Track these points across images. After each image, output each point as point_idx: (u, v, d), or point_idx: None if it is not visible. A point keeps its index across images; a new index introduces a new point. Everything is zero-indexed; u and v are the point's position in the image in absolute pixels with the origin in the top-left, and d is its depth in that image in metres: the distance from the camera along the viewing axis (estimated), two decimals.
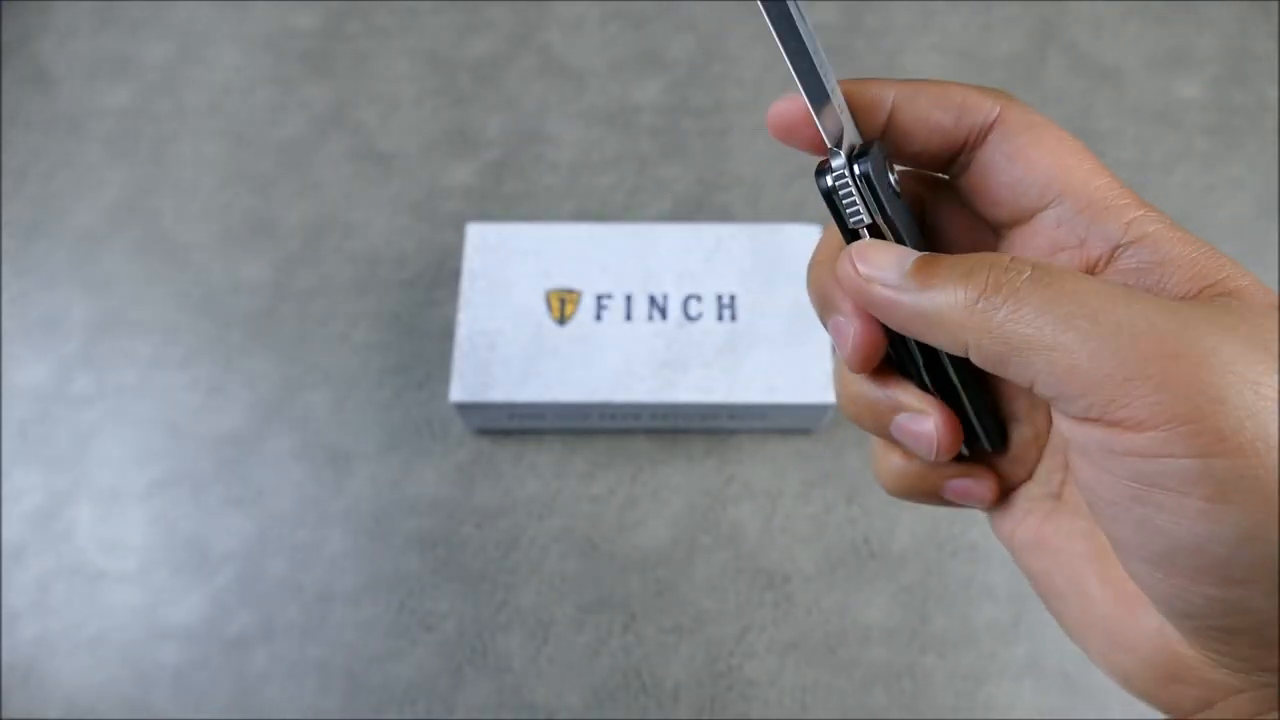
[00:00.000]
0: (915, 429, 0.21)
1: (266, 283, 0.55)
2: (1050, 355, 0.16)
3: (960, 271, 0.17)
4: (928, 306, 0.17)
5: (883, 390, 0.21)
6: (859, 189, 0.19)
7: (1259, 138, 0.58)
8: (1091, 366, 0.15)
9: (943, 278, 0.17)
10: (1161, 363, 0.15)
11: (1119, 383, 0.15)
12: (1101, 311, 0.16)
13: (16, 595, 0.47)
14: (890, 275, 0.18)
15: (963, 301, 0.17)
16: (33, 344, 0.54)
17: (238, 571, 0.48)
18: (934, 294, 0.17)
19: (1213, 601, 0.16)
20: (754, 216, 0.56)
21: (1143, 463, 0.16)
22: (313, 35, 0.63)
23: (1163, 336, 0.15)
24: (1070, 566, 0.20)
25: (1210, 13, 0.63)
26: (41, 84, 0.62)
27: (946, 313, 0.17)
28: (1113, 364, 0.15)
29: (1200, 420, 0.15)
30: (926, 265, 0.18)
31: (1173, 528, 0.16)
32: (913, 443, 0.21)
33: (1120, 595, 0.19)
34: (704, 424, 0.49)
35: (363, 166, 0.59)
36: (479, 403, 0.46)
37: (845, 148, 0.19)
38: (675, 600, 0.47)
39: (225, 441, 0.51)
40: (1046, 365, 0.16)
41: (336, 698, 0.45)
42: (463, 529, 0.49)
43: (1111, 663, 0.19)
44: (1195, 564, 0.16)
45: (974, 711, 0.44)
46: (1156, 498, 0.16)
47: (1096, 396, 0.16)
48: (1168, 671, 0.18)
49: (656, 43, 0.63)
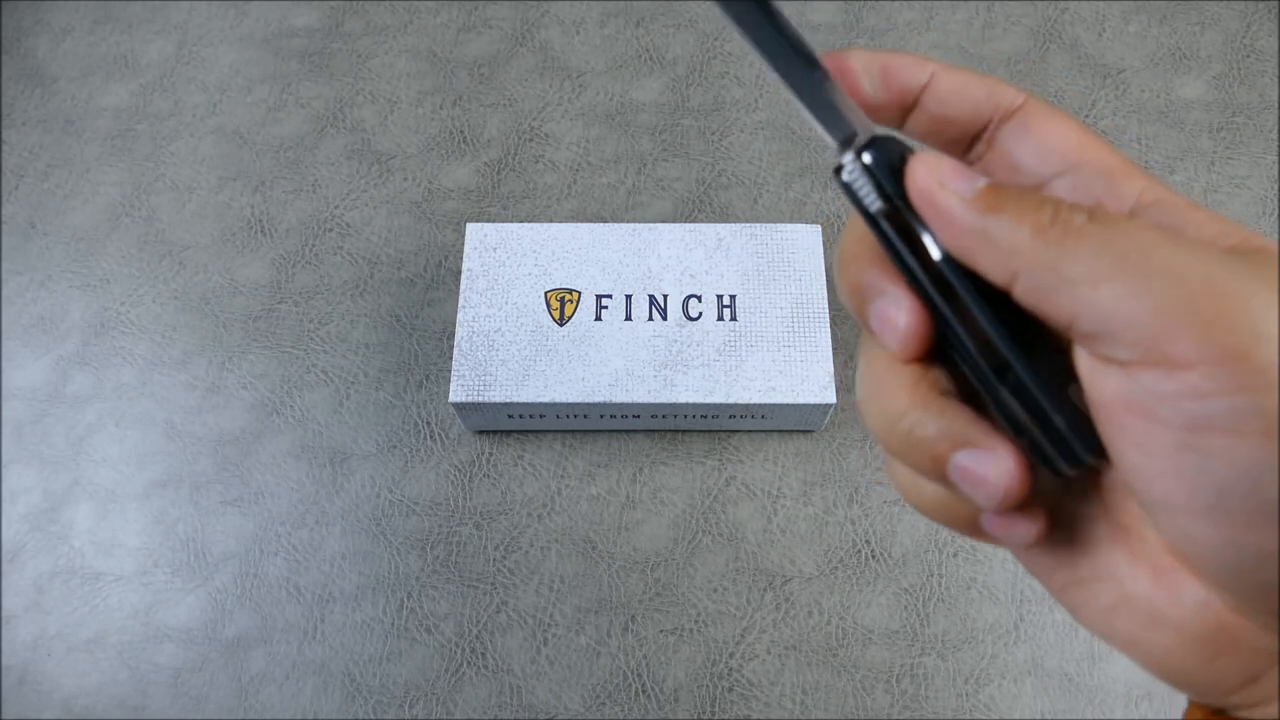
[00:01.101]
0: (980, 472, 0.18)
1: (265, 282, 0.55)
2: (1101, 291, 0.16)
3: (1027, 204, 0.17)
4: (990, 228, 0.18)
5: (940, 419, 0.18)
6: (870, 179, 0.19)
7: (1261, 137, 0.58)
8: (1141, 303, 0.16)
9: (1009, 207, 0.18)
10: (1210, 301, 0.15)
11: (1167, 319, 0.16)
12: (1153, 251, 0.16)
13: (13, 596, 0.47)
14: (961, 187, 0.18)
15: (1026, 231, 0.17)
16: (30, 343, 0.53)
17: (236, 572, 0.48)
18: (997, 218, 0.17)
19: (1264, 550, 0.16)
20: (754, 216, 0.56)
21: (1193, 404, 0.16)
22: (311, 34, 0.63)
23: (1210, 277, 0.15)
24: (1095, 552, 0.19)
25: (1212, 12, 0.63)
26: (38, 82, 0.62)
27: (1005, 238, 0.17)
28: (1162, 301, 0.16)
29: (1249, 357, 0.15)
30: (993, 191, 0.18)
31: (1225, 471, 0.16)
32: (973, 488, 0.18)
33: (1157, 571, 0.18)
34: (704, 424, 0.49)
35: (362, 166, 0.58)
36: (478, 403, 0.46)
37: (856, 142, 0.19)
38: (675, 601, 0.47)
39: (224, 441, 0.51)
40: (1096, 301, 0.16)
41: (335, 699, 0.45)
42: (462, 529, 0.48)
43: (1147, 646, 0.19)
44: (1247, 507, 0.16)
45: (975, 712, 0.44)
46: (1207, 441, 0.16)
47: (1144, 332, 0.16)
48: (1213, 644, 0.18)
49: (656, 42, 0.63)
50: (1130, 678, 0.44)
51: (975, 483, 0.18)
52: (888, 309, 0.19)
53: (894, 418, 0.19)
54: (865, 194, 0.19)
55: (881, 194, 0.19)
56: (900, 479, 0.21)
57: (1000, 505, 0.18)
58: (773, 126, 0.59)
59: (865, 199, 0.19)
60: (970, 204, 0.18)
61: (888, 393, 0.19)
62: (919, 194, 0.18)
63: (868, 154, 0.19)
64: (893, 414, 0.19)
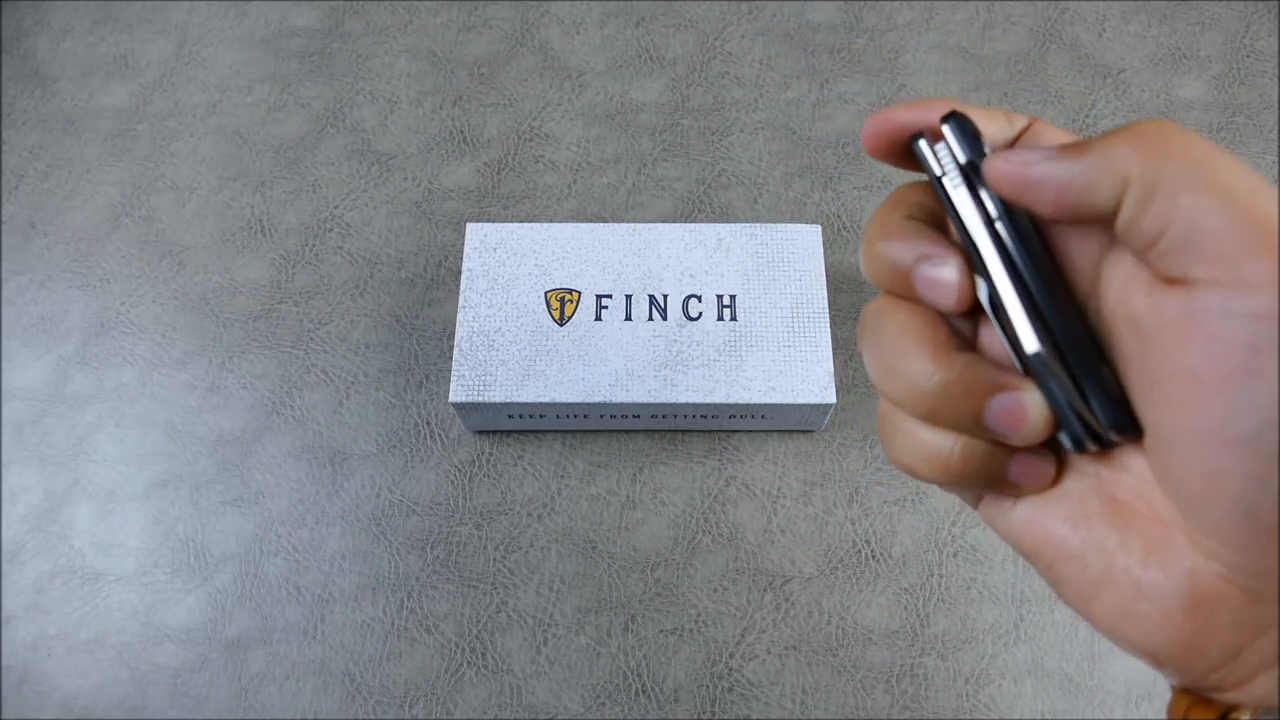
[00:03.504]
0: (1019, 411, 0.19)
1: (265, 282, 0.55)
2: (1199, 201, 0.17)
3: (1120, 137, 0.18)
4: (1082, 170, 0.18)
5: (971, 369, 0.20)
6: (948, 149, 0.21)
7: (1261, 137, 0.58)
8: (1232, 222, 0.16)
9: (1100, 146, 0.18)
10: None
11: (1253, 240, 0.16)
12: (1249, 178, 0.17)
13: (13, 597, 0.47)
14: (1039, 155, 0.19)
15: (1131, 148, 0.18)
16: (30, 343, 0.53)
17: (236, 572, 0.48)
18: (1090, 158, 0.18)
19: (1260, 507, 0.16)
20: (754, 216, 0.56)
21: (1258, 325, 0.16)
22: (311, 34, 0.63)
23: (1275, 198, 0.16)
24: (1084, 526, 0.20)
25: (1212, 12, 0.63)
26: (38, 82, 0.62)
27: (1109, 165, 0.18)
28: (1253, 222, 0.16)
29: None
30: (1075, 145, 0.19)
31: (1273, 397, 0.16)
32: (1012, 428, 0.19)
33: (1148, 544, 0.19)
34: (704, 424, 0.49)
35: (362, 166, 0.58)
36: (478, 403, 0.46)
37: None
38: (675, 601, 0.47)
39: (224, 442, 0.51)
40: (1191, 212, 0.17)
41: (335, 699, 0.45)
42: (462, 529, 0.48)
43: (1133, 619, 0.19)
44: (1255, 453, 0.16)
45: (975, 713, 0.44)
46: (1264, 363, 0.16)
47: (1228, 248, 0.16)
48: (1197, 616, 0.18)
49: (656, 42, 0.63)
50: (1130, 678, 0.44)
51: (1014, 422, 0.19)
52: (938, 270, 0.20)
53: (923, 376, 0.20)
54: (944, 162, 0.21)
55: (955, 164, 0.21)
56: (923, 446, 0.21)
57: (1038, 439, 0.19)
58: (773, 126, 0.59)
59: (940, 166, 0.21)
60: (1057, 160, 0.19)
61: (912, 356, 0.20)
62: (1008, 179, 0.19)
63: (947, 126, 0.21)
64: (921, 373, 0.20)
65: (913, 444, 0.21)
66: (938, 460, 0.20)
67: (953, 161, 0.21)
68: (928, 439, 0.20)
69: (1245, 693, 0.18)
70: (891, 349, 0.20)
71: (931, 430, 0.20)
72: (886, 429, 0.22)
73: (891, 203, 0.22)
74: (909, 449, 0.21)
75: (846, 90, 0.60)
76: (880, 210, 0.22)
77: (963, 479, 0.20)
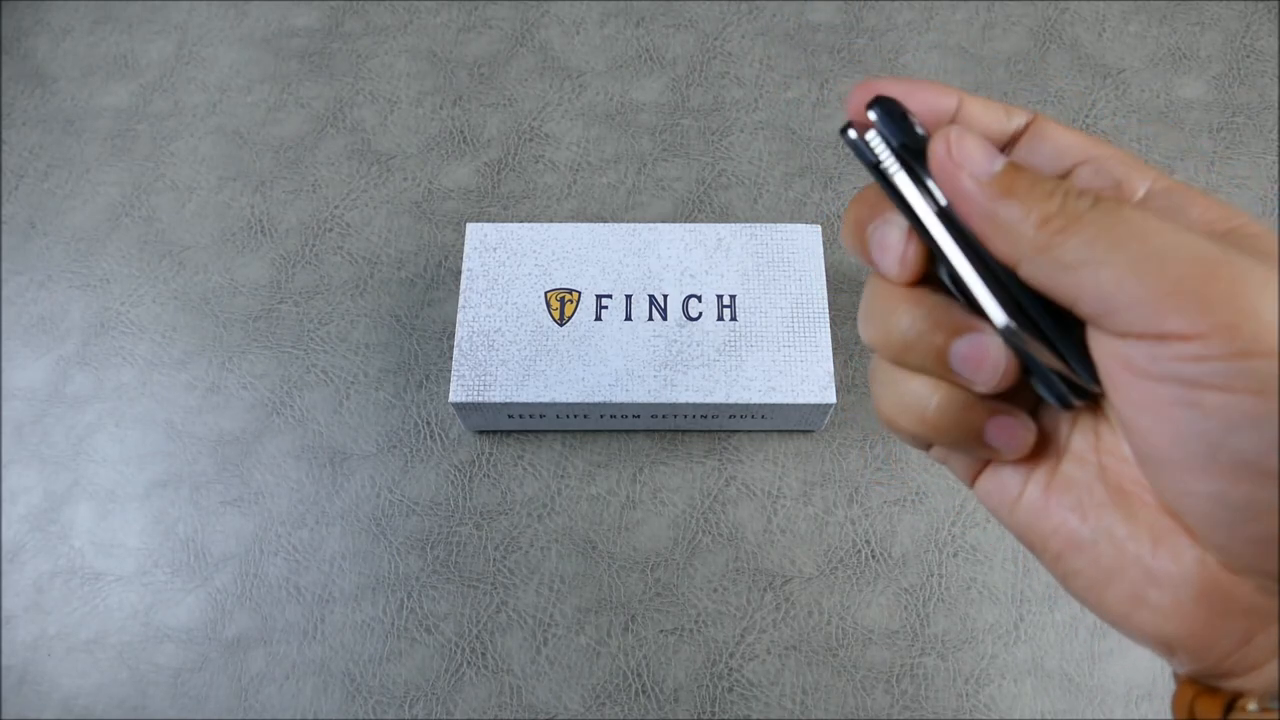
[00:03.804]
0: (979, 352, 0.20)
1: (265, 282, 0.55)
2: (1101, 272, 0.17)
3: (1038, 192, 0.18)
4: (1000, 213, 0.19)
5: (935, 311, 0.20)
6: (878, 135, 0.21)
7: (1261, 137, 0.58)
8: (1138, 284, 0.17)
9: (1022, 194, 0.19)
10: (1201, 280, 0.16)
11: (1163, 297, 0.17)
12: (1151, 235, 0.17)
13: (13, 597, 0.47)
14: (980, 169, 0.19)
15: (1033, 221, 0.18)
16: (30, 343, 0.53)
17: (236, 572, 0.48)
18: (1009, 205, 0.19)
19: (1254, 502, 0.17)
20: (754, 216, 0.56)
21: (1188, 367, 0.17)
22: (311, 34, 0.63)
23: (1202, 258, 0.17)
24: (1092, 515, 0.20)
25: (1212, 12, 0.63)
26: (38, 82, 0.62)
27: (1014, 225, 0.18)
28: (1158, 281, 0.17)
29: (1238, 327, 0.16)
30: (1010, 175, 0.19)
31: (1216, 425, 0.17)
32: (974, 370, 0.20)
33: (1156, 533, 0.19)
34: (704, 424, 0.49)
35: (362, 166, 0.58)
36: (478, 403, 0.46)
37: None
38: (675, 601, 0.47)
39: (224, 442, 0.51)
40: (1096, 283, 0.17)
41: (335, 699, 0.45)
42: (462, 529, 0.48)
43: (1142, 607, 0.19)
44: (1236, 460, 0.16)
45: (975, 713, 0.44)
46: (1201, 397, 0.17)
47: (1142, 310, 0.17)
48: (1209, 603, 0.18)
49: (656, 42, 0.63)
50: (1130, 678, 0.44)
51: (976, 363, 0.20)
52: (887, 234, 0.21)
53: (893, 320, 0.21)
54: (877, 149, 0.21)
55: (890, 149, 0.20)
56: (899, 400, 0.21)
57: (999, 383, 0.20)
58: (773, 126, 0.59)
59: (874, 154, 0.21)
60: (985, 187, 0.19)
61: (887, 305, 0.21)
62: (940, 169, 0.20)
63: (872, 112, 0.20)
64: (891, 319, 0.21)
65: (893, 394, 0.21)
66: (915, 410, 0.21)
67: (886, 147, 0.21)
68: (906, 388, 0.21)
69: (1254, 679, 0.18)
70: (874, 299, 0.21)
71: (909, 378, 0.21)
72: (874, 382, 0.22)
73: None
74: (890, 399, 0.22)
75: (846, 90, 0.60)
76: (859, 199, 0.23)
77: (939, 430, 0.21)
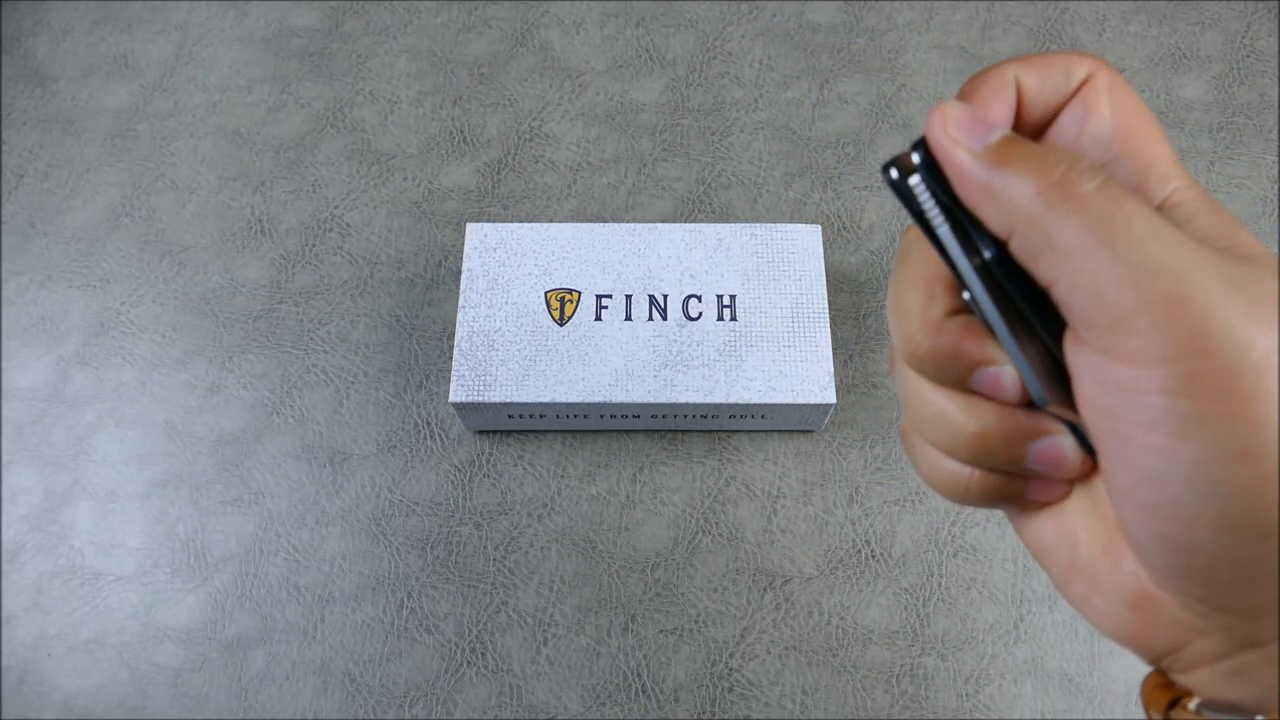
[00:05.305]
0: (1056, 454, 0.20)
1: (265, 282, 0.55)
2: (1081, 266, 0.16)
3: (1037, 161, 0.17)
4: (995, 183, 0.18)
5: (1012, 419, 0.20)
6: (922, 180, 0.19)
7: (1261, 137, 0.58)
8: (1110, 290, 0.16)
9: (1019, 163, 0.17)
10: (1168, 305, 0.16)
11: (1126, 313, 0.16)
12: (1142, 241, 0.16)
13: (13, 597, 0.47)
14: (974, 140, 0.18)
15: (1030, 187, 0.17)
16: (30, 343, 0.53)
17: (236, 572, 0.48)
18: (1005, 174, 0.17)
19: (1165, 537, 0.17)
20: (754, 216, 0.56)
21: (1121, 396, 0.16)
22: (311, 34, 0.63)
23: (1180, 278, 0.16)
24: (1064, 517, 0.21)
25: (1212, 12, 0.63)
26: (38, 82, 0.62)
27: (1009, 194, 0.17)
28: (1128, 294, 0.16)
29: (1182, 364, 0.15)
30: (1008, 145, 0.18)
31: (1137, 461, 0.16)
32: (1052, 467, 0.20)
33: (1105, 542, 0.20)
34: (704, 424, 0.49)
35: (362, 166, 0.58)
36: (478, 403, 0.46)
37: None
38: (675, 600, 0.47)
39: (224, 442, 0.51)
40: (1074, 275, 0.17)
41: (335, 699, 0.45)
42: (462, 529, 0.48)
43: (1091, 606, 0.20)
44: (1152, 499, 0.17)
45: (975, 713, 0.44)
46: (1126, 431, 0.16)
47: (1104, 318, 0.16)
48: (1141, 613, 0.19)
49: (656, 42, 0.63)
50: (1130, 678, 0.44)
51: (1055, 465, 0.20)
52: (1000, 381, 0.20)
53: (967, 432, 0.20)
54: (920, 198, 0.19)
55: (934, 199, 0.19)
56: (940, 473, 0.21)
57: (1079, 475, 0.20)
58: (773, 126, 0.59)
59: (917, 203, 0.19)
60: (981, 157, 0.18)
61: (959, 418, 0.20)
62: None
63: (916, 154, 0.19)
64: (972, 432, 0.20)
65: (933, 467, 0.21)
66: (958, 485, 0.21)
67: (930, 196, 0.19)
68: (948, 465, 0.21)
69: (1194, 678, 0.19)
70: (929, 408, 0.20)
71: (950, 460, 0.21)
72: (910, 449, 0.22)
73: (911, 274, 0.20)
74: (929, 470, 0.22)
75: (846, 90, 0.60)
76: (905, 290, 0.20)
77: (982, 501, 0.21)
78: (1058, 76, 0.20)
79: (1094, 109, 0.20)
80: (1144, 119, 0.20)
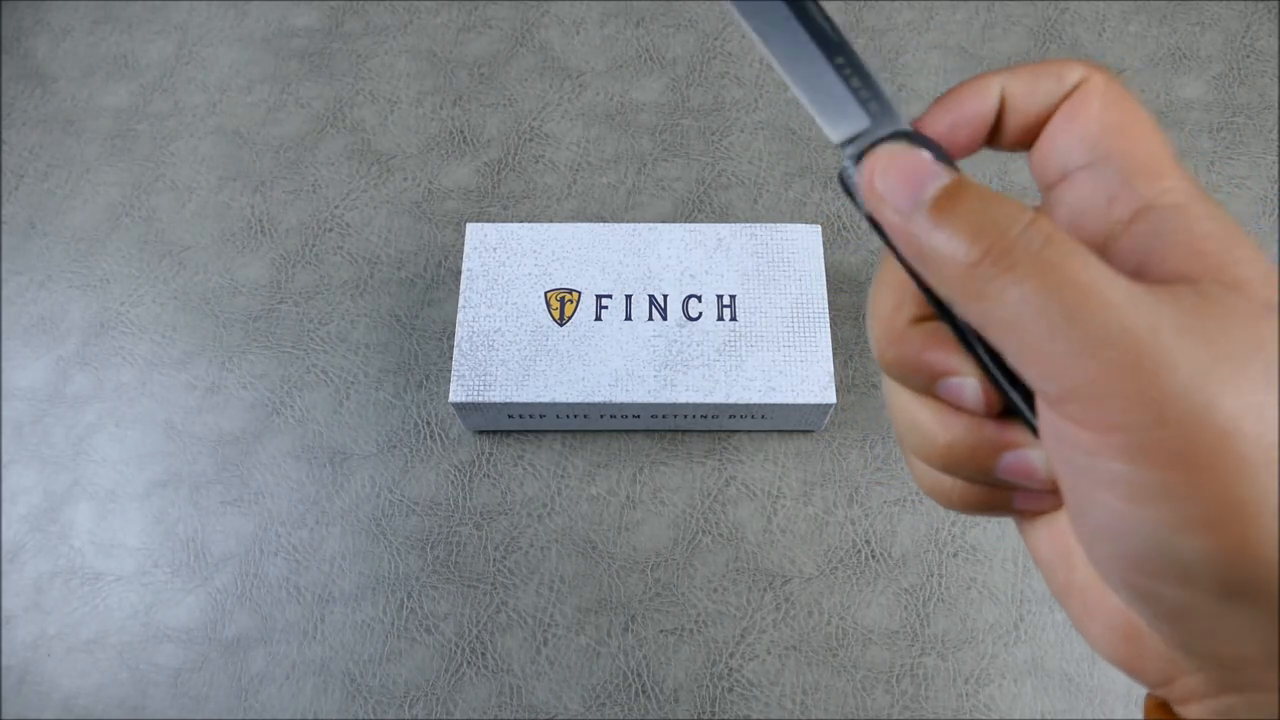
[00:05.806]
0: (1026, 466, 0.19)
1: (265, 282, 0.55)
2: (1027, 337, 0.16)
3: (974, 221, 0.16)
4: (929, 246, 0.17)
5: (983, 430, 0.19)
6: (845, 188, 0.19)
7: (1261, 137, 0.58)
8: (1059, 364, 0.15)
9: (955, 222, 0.16)
10: (1122, 373, 0.15)
11: (1076, 382, 0.15)
12: (1090, 309, 0.15)
13: (13, 597, 0.47)
14: (903, 200, 0.17)
15: (962, 258, 0.16)
16: (30, 343, 0.53)
17: (236, 572, 0.48)
18: (940, 235, 0.16)
19: (1130, 585, 0.16)
20: (754, 216, 0.56)
21: (1079, 457, 0.16)
22: (311, 34, 0.63)
23: (1133, 343, 0.15)
24: (1059, 535, 0.20)
25: (1212, 12, 0.63)
26: (38, 82, 0.62)
27: (943, 261, 0.16)
28: (1078, 366, 0.15)
29: (1138, 433, 0.15)
30: (948, 199, 0.17)
31: (1099, 517, 0.16)
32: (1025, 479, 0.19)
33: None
34: (704, 424, 0.49)
35: (362, 166, 0.58)
36: (478, 403, 0.46)
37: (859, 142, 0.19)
38: (675, 601, 0.47)
39: (224, 442, 0.51)
40: (1019, 347, 0.16)
41: (335, 699, 0.45)
42: (462, 529, 0.48)
43: (1087, 630, 0.20)
44: (1113, 551, 0.16)
45: (975, 712, 0.44)
46: (1086, 488, 0.16)
47: (1054, 386, 0.16)
48: (1132, 644, 0.19)
49: (656, 42, 0.63)
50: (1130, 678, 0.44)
51: (1026, 477, 0.19)
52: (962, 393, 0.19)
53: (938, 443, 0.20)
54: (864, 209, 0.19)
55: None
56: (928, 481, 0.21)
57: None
58: (773, 126, 0.59)
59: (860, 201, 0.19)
60: (909, 218, 0.17)
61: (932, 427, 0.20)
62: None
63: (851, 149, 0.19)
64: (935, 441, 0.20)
65: (921, 473, 0.21)
66: (942, 492, 0.21)
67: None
68: (931, 472, 0.21)
69: (1188, 711, 0.18)
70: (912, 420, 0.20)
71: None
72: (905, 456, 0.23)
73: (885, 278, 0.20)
74: (918, 476, 0.22)
75: None
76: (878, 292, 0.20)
77: (967, 508, 0.21)
78: (1049, 81, 0.19)
79: (1083, 109, 0.19)
80: (1137, 118, 0.19)
